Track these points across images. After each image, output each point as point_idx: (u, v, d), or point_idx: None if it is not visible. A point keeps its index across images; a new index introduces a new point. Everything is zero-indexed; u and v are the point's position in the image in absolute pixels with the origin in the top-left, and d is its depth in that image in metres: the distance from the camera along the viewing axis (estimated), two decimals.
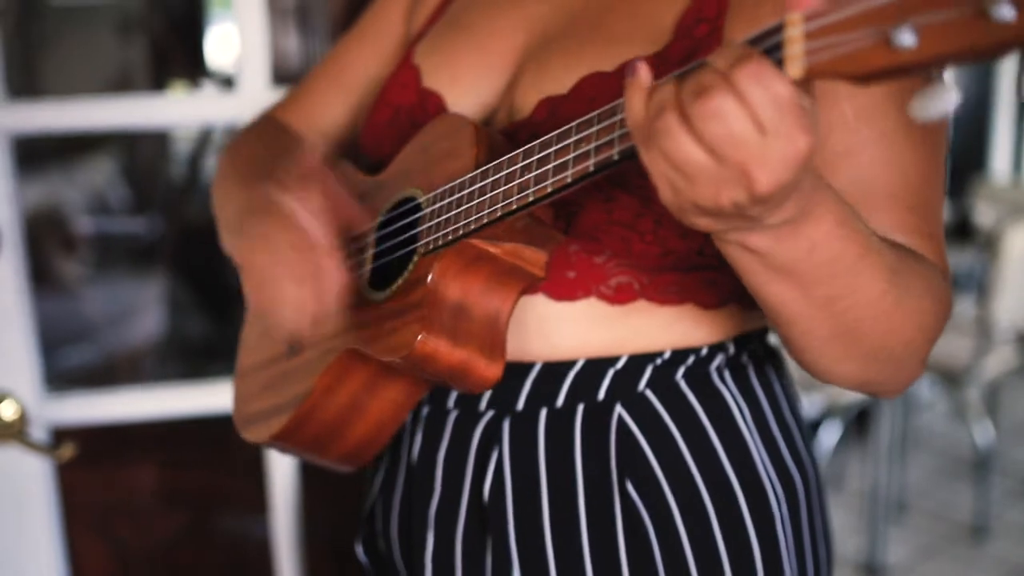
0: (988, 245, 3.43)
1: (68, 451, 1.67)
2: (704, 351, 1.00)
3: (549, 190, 0.80)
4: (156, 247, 3.21)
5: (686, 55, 0.90)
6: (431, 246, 0.92)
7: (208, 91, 3.08)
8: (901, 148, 0.89)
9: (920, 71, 0.57)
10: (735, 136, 0.63)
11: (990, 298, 3.26)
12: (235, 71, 1.68)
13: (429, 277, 0.91)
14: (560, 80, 0.96)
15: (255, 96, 1.63)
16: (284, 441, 1.07)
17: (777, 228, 0.72)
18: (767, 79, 0.62)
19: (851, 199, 0.87)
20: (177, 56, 2.98)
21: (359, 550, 1.20)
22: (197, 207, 3.15)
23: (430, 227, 0.92)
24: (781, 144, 0.64)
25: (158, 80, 3.07)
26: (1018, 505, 3.71)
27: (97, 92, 3.04)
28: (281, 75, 1.71)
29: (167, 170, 3.47)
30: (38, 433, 1.68)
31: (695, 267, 0.86)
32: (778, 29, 0.62)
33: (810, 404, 3.64)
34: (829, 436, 3.50)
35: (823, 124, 0.87)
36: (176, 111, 1.85)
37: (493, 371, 0.94)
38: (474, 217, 0.87)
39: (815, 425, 3.74)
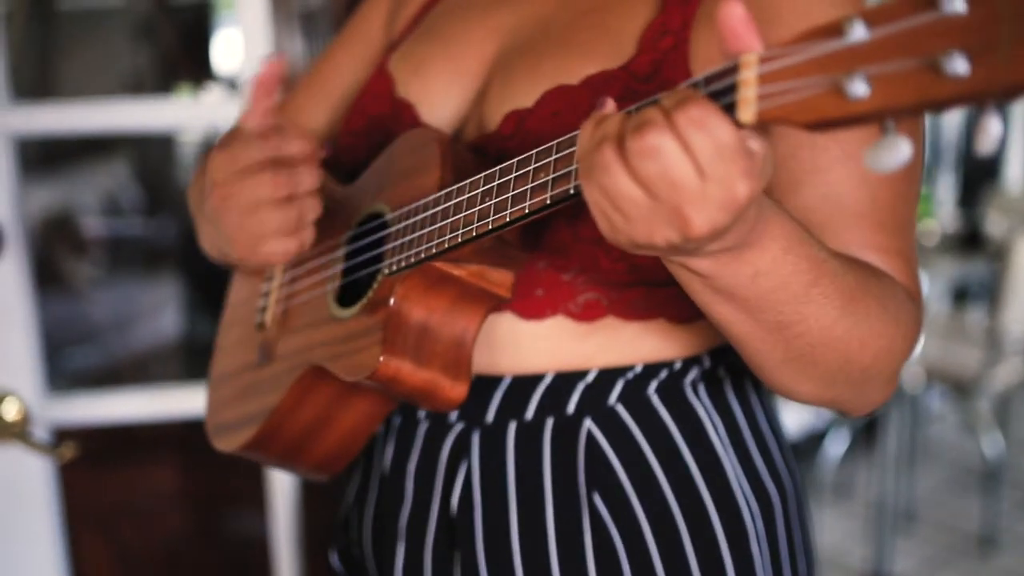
0: (999, 255, 3.41)
1: (69, 451, 1.68)
2: (678, 365, 0.99)
3: (508, 219, 0.79)
4: (165, 249, 3.23)
5: (651, 68, 0.90)
6: (395, 267, 0.91)
7: (212, 94, 3.09)
8: None
9: (872, 121, 0.56)
10: (671, 177, 0.62)
11: (1000, 308, 3.24)
12: (238, 74, 1.69)
13: (391, 299, 0.90)
14: (525, 93, 0.95)
15: None
16: (253, 451, 1.06)
17: (717, 254, 0.71)
18: (710, 124, 0.61)
19: (819, 217, 0.86)
20: (184, 60, 3.00)
21: (334, 559, 1.20)
22: None
23: (395, 247, 0.92)
24: (720, 189, 0.63)
25: (165, 83, 3.09)
26: None
27: (106, 95, 3.05)
28: (285, 79, 1.72)
29: (177, 173, 3.49)
30: (40, 433, 1.69)
31: (664, 282, 0.85)
32: (733, 70, 0.61)
33: (818, 413, 3.63)
34: (837, 445, 3.48)
35: (791, 141, 0.86)
36: (180, 114, 1.87)
37: (458, 392, 0.93)
38: (435, 241, 0.86)
39: (822, 435, 3.73)
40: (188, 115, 1.89)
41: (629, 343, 0.96)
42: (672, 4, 0.92)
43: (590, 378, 0.97)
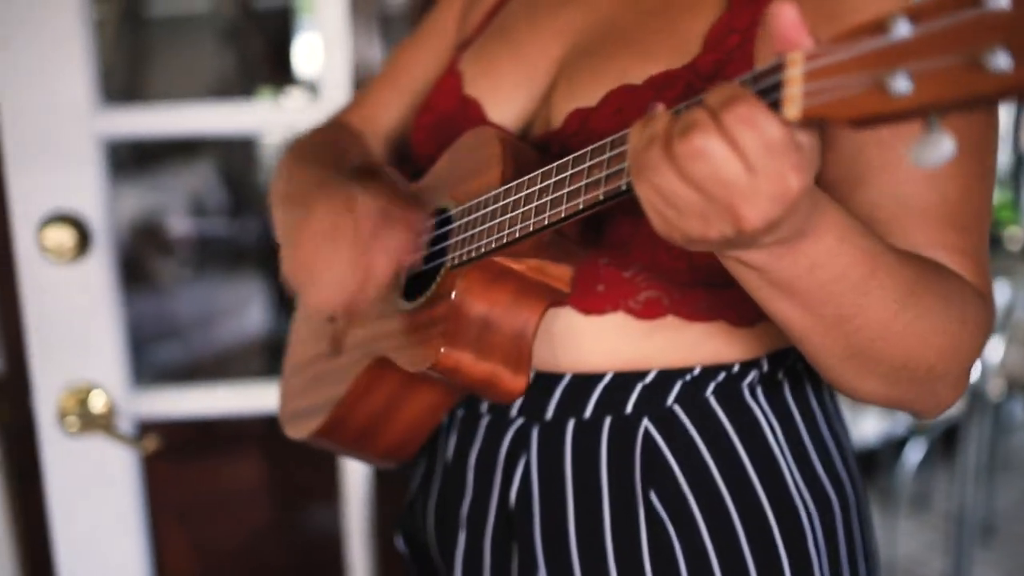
0: None
1: (152, 443, 1.74)
2: (736, 368, 1.00)
3: (563, 215, 0.81)
4: (248, 249, 3.30)
5: (715, 68, 0.91)
6: (457, 261, 0.94)
7: (293, 98, 3.15)
8: None
9: (915, 117, 0.56)
10: (720, 176, 0.63)
11: None
12: (318, 78, 1.73)
13: (453, 293, 0.93)
14: (590, 92, 0.97)
15: (338, 102, 1.68)
16: (322, 439, 1.11)
17: (771, 247, 0.72)
18: (758, 121, 0.62)
19: (885, 215, 0.86)
20: (266, 64, 3.06)
21: (399, 541, 1.23)
22: None
23: (457, 242, 0.95)
24: (771, 184, 0.64)
25: (249, 87, 3.16)
26: None
27: (191, 99, 3.13)
28: (363, 82, 1.76)
29: (262, 174, 3.57)
30: (125, 426, 1.75)
31: (725, 284, 0.86)
32: (778, 68, 0.62)
33: (895, 422, 3.58)
34: (914, 455, 3.43)
35: (857, 138, 0.87)
36: (262, 117, 1.92)
37: (518, 384, 0.95)
38: (495, 236, 0.89)
39: (901, 442, 3.66)
40: (269, 118, 1.93)
41: (689, 344, 0.98)
42: (739, 3, 0.92)
43: (649, 379, 0.98)
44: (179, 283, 3.30)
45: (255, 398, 1.88)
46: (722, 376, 0.99)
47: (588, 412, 1.00)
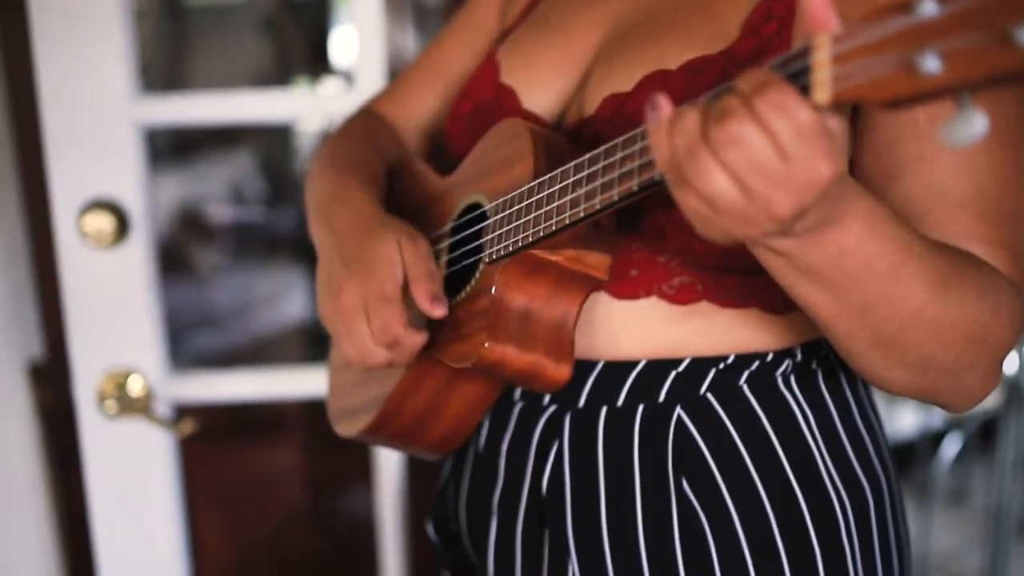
0: None
1: (188, 426, 1.76)
2: (770, 357, 1.00)
3: (598, 207, 0.81)
4: (286, 238, 3.32)
5: (752, 54, 0.90)
6: (494, 255, 0.95)
7: (329, 87, 3.17)
8: (975, 154, 0.86)
9: (946, 96, 0.56)
10: (755, 162, 0.64)
11: None
12: (353, 68, 1.75)
13: (493, 288, 0.94)
14: (625, 77, 0.97)
15: (372, 92, 1.69)
16: (372, 436, 1.12)
17: (800, 235, 0.72)
18: (790, 107, 0.62)
19: (921, 206, 0.86)
20: (303, 54, 3.09)
21: (430, 528, 1.24)
22: None
23: (493, 237, 0.95)
24: (803, 171, 0.64)
25: (285, 77, 3.18)
26: None
27: (229, 87, 3.16)
28: (397, 72, 1.77)
29: (300, 164, 3.59)
30: (162, 409, 1.78)
31: (759, 270, 0.87)
32: (805, 52, 0.62)
33: (932, 415, 3.55)
34: (951, 448, 3.40)
35: (893, 128, 0.86)
36: (298, 106, 1.93)
37: (561, 372, 0.96)
38: (532, 230, 0.89)
39: (939, 436, 3.63)
40: (306, 107, 1.95)
41: (722, 331, 0.98)
42: None
43: (682, 366, 0.98)
44: (217, 272, 3.33)
45: (290, 383, 1.90)
46: (756, 364, 0.99)
47: (621, 400, 1.01)
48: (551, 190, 0.87)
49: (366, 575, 2.04)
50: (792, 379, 1.01)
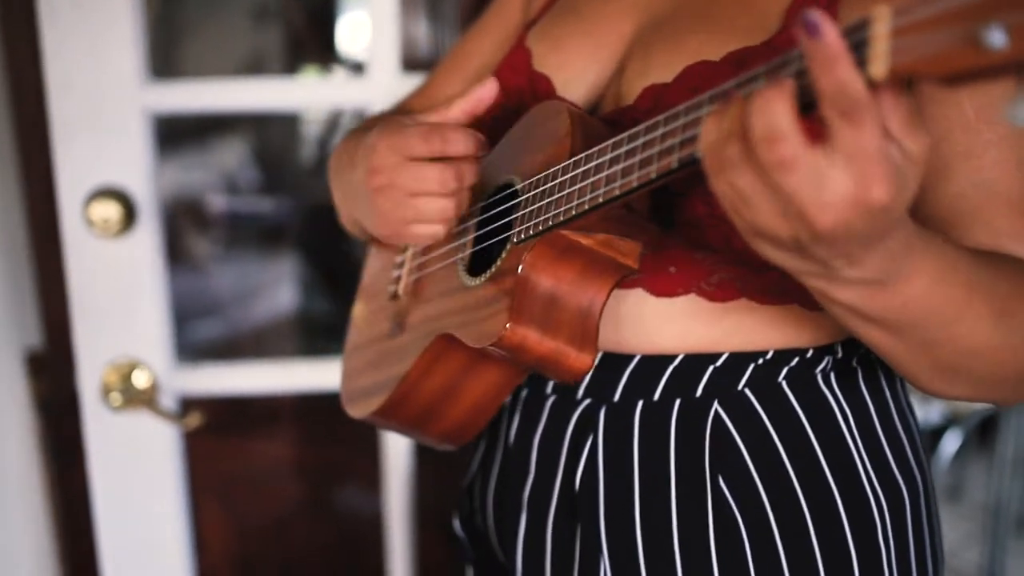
0: None
1: (195, 420, 1.74)
2: (809, 353, 0.98)
3: (635, 184, 0.78)
4: (284, 227, 3.29)
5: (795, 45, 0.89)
6: (523, 235, 0.92)
7: (339, 76, 3.14)
8: (1021, 148, 0.84)
9: (1011, 73, 0.54)
10: (805, 183, 0.62)
11: None
12: (366, 57, 1.72)
13: (519, 267, 0.91)
14: (665, 68, 0.95)
15: (385, 82, 1.67)
16: (383, 418, 1.09)
17: (863, 286, 0.71)
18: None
19: (970, 204, 0.84)
20: (309, 42, 3.05)
21: (456, 524, 1.22)
22: (325, 188, 3.23)
23: (524, 215, 0.93)
24: (850, 186, 0.62)
25: (291, 65, 3.15)
26: None
27: (238, 74, 3.13)
28: (410, 62, 1.74)
29: (297, 152, 3.55)
30: (167, 402, 1.75)
31: None
32: (863, 25, 0.59)
33: (929, 412, 3.55)
34: (950, 445, 3.40)
35: (943, 124, 0.85)
36: (308, 94, 1.90)
37: (583, 361, 0.93)
38: (563, 208, 0.87)
39: (938, 432, 3.64)
40: (317, 95, 1.92)
41: (761, 328, 0.96)
42: None
43: (720, 361, 0.97)
44: (210, 261, 3.30)
45: (298, 376, 1.88)
46: (795, 361, 0.97)
47: (657, 394, 0.99)
48: (586, 167, 0.85)
49: (373, 569, 2.02)
50: (832, 377, 0.99)
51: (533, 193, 0.92)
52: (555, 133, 0.93)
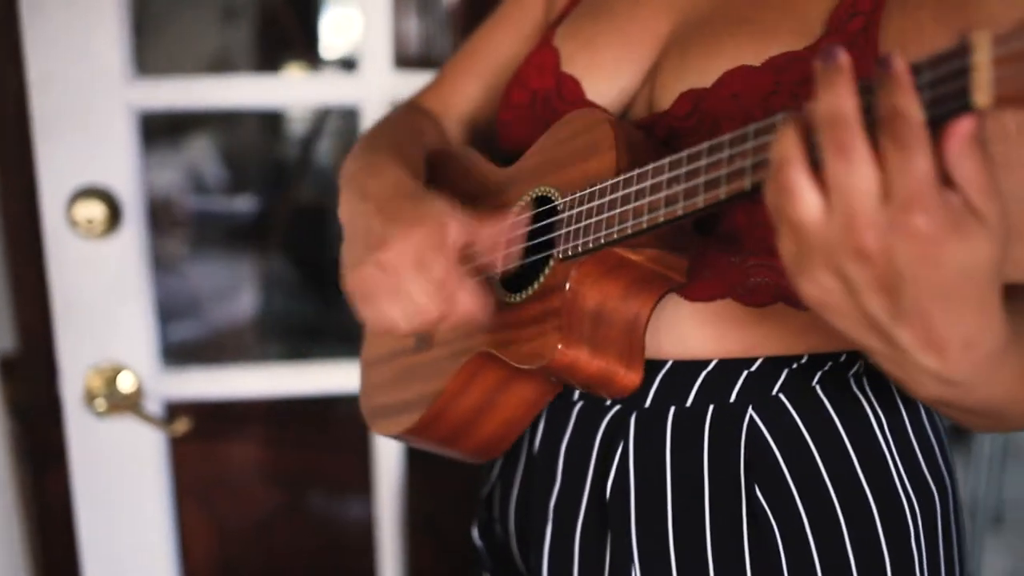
0: None
1: (182, 425, 1.69)
2: (843, 357, 0.96)
3: (701, 205, 0.75)
4: (260, 227, 3.24)
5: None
6: (570, 252, 0.89)
7: (329, 73, 3.09)
8: None
9: None
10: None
11: None
12: (357, 53, 1.68)
13: (567, 284, 0.88)
14: (703, 72, 0.92)
15: (377, 79, 1.63)
16: (414, 437, 1.06)
17: (941, 394, 0.68)
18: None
19: (1016, 218, 0.82)
20: (291, 38, 3.00)
21: (475, 534, 1.19)
22: (307, 189, 3.18)
23: (568, 232, 0.89)
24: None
25: (265, 63, 3.09)
26: None
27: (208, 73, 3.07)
28: (401, 58, 1.71)
29: (279, 150, 3.50)
30: (153, 406, 1.71)
31: None
32: (962, 52, 0.57)
33: None
34: None
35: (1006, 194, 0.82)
36: (298, 92, 1.86)
37: (632, 379, 0.91)
38: (617, 227, 0.83)
39: None
40: (305, 93, 1.86)
41: (797, 332, 0.94)
42: None
43: (755, 366, 0.94)
44: (185, 261, 3.24)
45: (285, 380, 1.84)
46: (829, 364, 0.95)
47: (690, 399, 0.96)
48: (641, 185, 0.82)
49: (362, 575, 1.99)
50: (864, 379, 0.98)
51: (578, 210, 0.89)
52: (595, 145, 0.90)
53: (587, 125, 0.92)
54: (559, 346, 0.87)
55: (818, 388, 0.96)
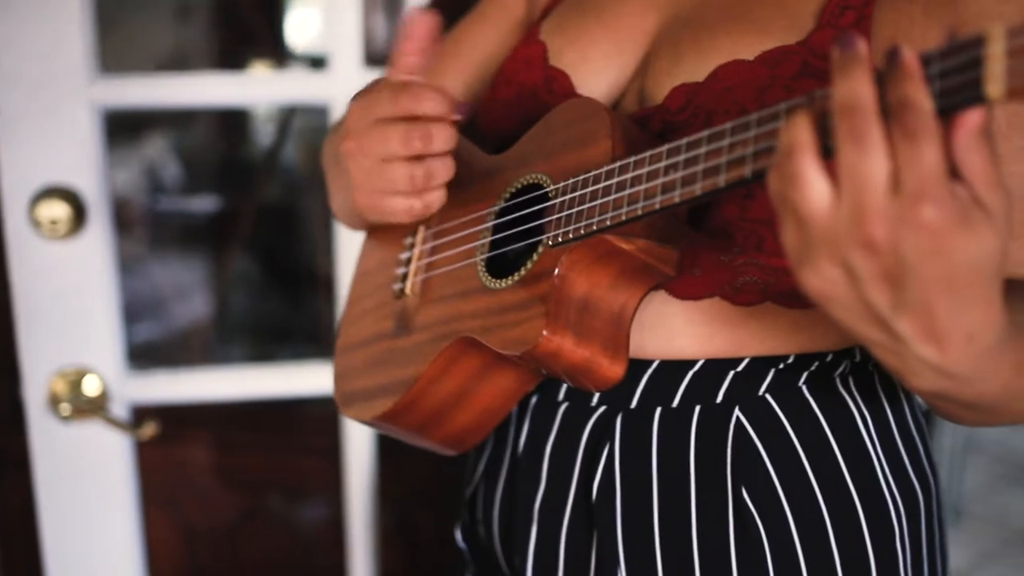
0: None
1: (150, 429, 1.66)
2: (829, 357, 0.96)
3: (698, 193, 0.74)
4: (225, 227, 3.19)
5: (830, 45, 0.86)
6: (560, 238, 0.87)
7: (298, 71, 3.05)
8: None
9: None
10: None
11: None
12: (326, 51, 1.66)
13: (556, 270, 0.87)
14: (695, 67, 0.91)
15: (347, 77, 1.61)
16: (388, 422, 1.04)
17: (935, 386, 0.68)
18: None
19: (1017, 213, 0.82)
20: (255, 35, 2.96)
21: (458, 535, 1.18)
22: (273, 188, 3.15)
23: (560, 218, 0.88)
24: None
25: (235, 60, 3.05)
26: None
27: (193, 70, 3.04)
28: (370, 56, 1.69)
29: (243, 149, 3.46)
30: (118, 410, 1.67)
31: None
32: (976, 44, 0.56)
33: None
34: None
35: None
36: (266, 90, 1.83)
37: (615, 371, 0.90)
38: (611, 213, 0.82)
39: None
40: (274, 91, 1.84)
41: (785, 332, 0.93)
42: None
43: (741, 366, 0.94)
44: (142, 261, 3.19)
45: (252, 383, 1.81)
46: (815, 365, 0.95)
47: (677, 400, 0.95)
48: (637, 172, 0.80)
49: None
50: (850, 379, 0.97)
51: (570, 196, 0.87)
52: (591, 133, 0.89)
53: (583, 114, 0.91)
54: (544, 332, 0.86)
55: (804, 388, 0.95)
